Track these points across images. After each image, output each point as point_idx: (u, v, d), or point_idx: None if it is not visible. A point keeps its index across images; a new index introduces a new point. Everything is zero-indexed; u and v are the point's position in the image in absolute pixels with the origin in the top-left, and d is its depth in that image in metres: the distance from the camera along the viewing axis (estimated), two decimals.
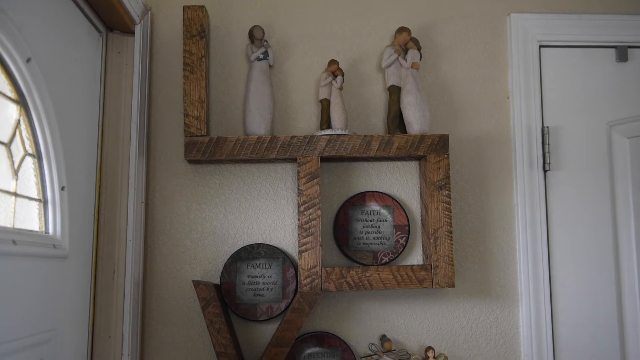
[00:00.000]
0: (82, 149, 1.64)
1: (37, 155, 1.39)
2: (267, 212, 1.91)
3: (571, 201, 1.94)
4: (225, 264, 1.84)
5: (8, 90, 1.28)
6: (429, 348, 1.80)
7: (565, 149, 1.96)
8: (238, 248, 1.86)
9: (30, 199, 1.37)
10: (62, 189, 1.46)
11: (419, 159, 1.91)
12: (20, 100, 1.32)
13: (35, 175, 1.39)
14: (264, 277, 1.84)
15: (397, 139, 1.82)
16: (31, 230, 1.37)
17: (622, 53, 2.01)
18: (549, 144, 1.95)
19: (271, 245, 1.86)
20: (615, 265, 1.91)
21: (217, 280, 1.86)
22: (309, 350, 1.83)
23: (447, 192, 1.82)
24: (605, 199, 1.94)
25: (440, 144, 1.83)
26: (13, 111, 1.30)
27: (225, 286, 1.83)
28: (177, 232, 1.88)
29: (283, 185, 1.92)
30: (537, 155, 1.95)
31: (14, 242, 1.20)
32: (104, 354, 1.69)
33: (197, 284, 1.72)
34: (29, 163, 1.37)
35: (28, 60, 1.30)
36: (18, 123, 1.32)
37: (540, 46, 2.00)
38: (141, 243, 1.82)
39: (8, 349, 1.22)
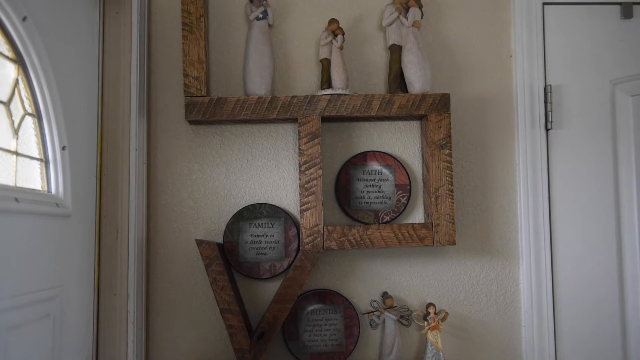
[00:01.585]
0: (82, 109, 1.64)
1: (37, 115, 1.40)
2: (269, 172, 1.92)
3: (573, 160, 1.94)
4: (227, 224, 1.86)
5: (5, 49, 1.28)
6: (430, 304, 1.82)
7: (567, 108, 1.95)
8: (240, 208, 1.88)
9: (32, 158, 1.38)
10: (63, 148, 1.47)
11: (420, 118, 1.90)
12: (18, 60, 1.32)
13: (35, 135, 1.40)
14: (267, 236, 1.86)
15: (398, 99, 1.82)
16: (33, 189, 1.39)
17: (627, 10, 1.97)
18: (551, 103, 1.93)
19: (273, 205, 1.88)
20: (616, 223, 1.92)
21: (220, 240, 1.88)
22: (311, 307, 1.86)
23: (448, 151, 1.82)
24: (607, 158, 1.93)
25: (441, 103, 1.82)
26: (11, 70, 1.31)
27: (228, 245, 1.85)
28: (179, 193, 1.90)
29: (284, 146, 1.93)
30: (540, 114, 1.94)
31: (16, 199, 1.22)
32: (110, 311, 1.73)
33: (200, 242, 1.74)
34: (29, 122, 1.38)
35: (24, 19, 1.30)
36: (16, 82, 1.32)
37: (544, 3, 1.97)
38: (144, 203, 1.84)
39: (15, 303, 1.25)
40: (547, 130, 1.94)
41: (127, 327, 1.74)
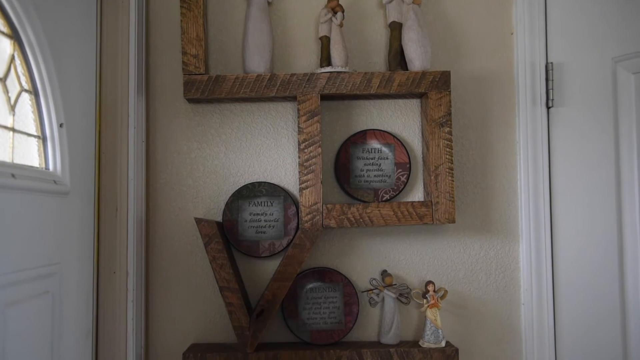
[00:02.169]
0: (79, 86, 1.63)
1: (34, 92, 1.39)
2: (268, 151, 1.91)
3: (574, 138, 1.93)
4: (227, 202, 1.86)
5: (0, 24, 1.27)
6: (429, 282, 1.83)
7: (569, 85, 1.93)
8: (239, 186, 1.88)
9: (29, 135, 1.38)
10: (61, 125, 1.47)
11: (420, 96, 1.89)
12: (14, 35, 1.31)
13: (32, 112, 1.39)
14: (266, 214, 1.86)
15: (398, 76, 1.80)
16: (31, 166, 1.38)
17: None
18: (552, 80, 1.92)
19: (272, 184, 1.88)
20: (617, 201, 1.91)
21: (219, 218, 1.88)
22: (310, 285, 1.86)
23: (448, 129, 1.81)
24: (608, 135, 1.92)
25: (441, 81, 1.81)
26: (7, 46, 1.30)
27: (228, 224, 1.85)
28: (178, 171, 1.90)
29: (283, 124, 1.92)
30: (541, 92, 1.92)
31: (13, 175, 1.22)
32: (110, 289, 1.74)
33: (199, 221, 1.74)
34: (26, 99, 1.37)
35: None
36: (12, 58, 1.31)
37: None
38: (143, 182, 1.84)
39: (13, 279, 1.26)
40: (548, 108, 1.93)
41: (127, 305, 1.75)
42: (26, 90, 1.37)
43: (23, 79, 1.35)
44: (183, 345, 1.86)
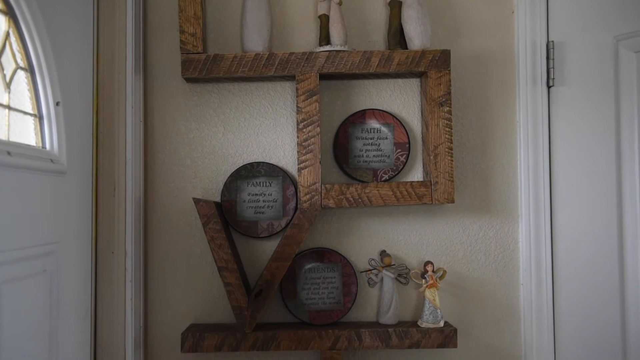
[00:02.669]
0: (76, 65, 1.62)
1: (30, 69, 1.38)
2: (267, 131, 1.90)
3: (574, 118, 1.91)
4: (225, 183, 1.85)
5: None
6: (428, 262, 1.82)
7: (570, 64, 1.91)
8: (238, 167, 1.87)
9: (25, 113, 1.37)
10: (57, 104, 1.45)
11: (419, 75, 1.87)
12: (9, 12, 1.30)
13: (28, 90, 1.38)
14: (264, 195, 1.85)
15: (397, 55, 1.79)
16: (28, 145, 1.37)
17: None
18: (553, 59, 1.90)
19: (271, 164, 1.87)
20: (617, 181, 1.90)
21: (217, 199, 1.87)
22: (309, 266, 1.86)
23: (447, 108, 1.80)
24: (609, 115, 1.90)
25: (441, 60, 1.79)
26: (2, 22, 1.28)
27: (226, 204, 1.84)
28: (176, 152, 1.89)
29: (282, 104, 1.91)
30: (541, 71, 1.91)
31: (9, 153, 1.21)
32: (108, 268, 1.73)
33: (197, 201, 1.73)
34: (22, 77, 1.36)
35: None
36: (7, 35, 1.30)
37: None
38: (141, 162, 1.83)
39: (11, 257, 1.25)
40: (548, 87, 1.91)
41: (125, 285, 1.75)
42: (22, 68, 1.36)
43: (18, 56, 1.34)
44: (182, 326, 1.87)
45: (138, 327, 1.80)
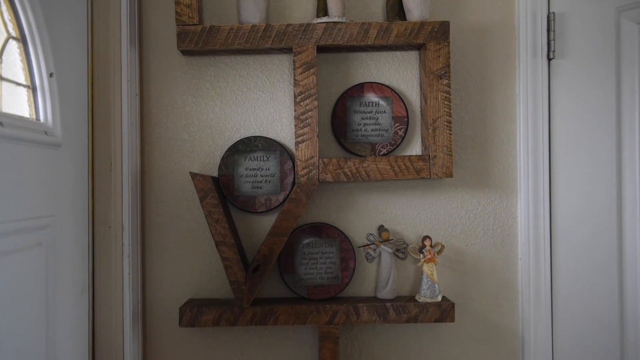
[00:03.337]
0: (69, 36, 1.59)
1: (22, 39, 1.35)
2: (264, 105, 1.88)
3: (575, 90, 1.89)
4: (222, 157, 1.83)
5: None
6: (426, 237, 1.82)
7: (571, 36, 1.89)
8: (235, 141, 1.85)
9: (18, 84, 1.35)
10: (51, 75, 1.43)
11: (418, 47, 1.85)
12: None
13: (21, 60, 1.36)
14: (262, 169, 1.84)
15: (396, 26, 1.76)
16: (21, 117, 1.36)
17: None
18: (554, 31, 1.88)
19: (268, 138, 1.85)
20: (617, 155, 1.88)
21: (215, 173, 1.86)
22: (307, 241, 1.85)
23: (446, 81, 1.78)
24: (610, 88, 1.88)
25: (440, 31, 1.77)
26: None
27: (223, 179, 1.83)
28: (173, 126, 1.87)
29: (279, 77, 1.88)
30: (542, 43, 1.88)
31: (1, 124, 1.19)
32: (105, 243, 1.72)
33: (194, 175, 1.72)
34: (14, 47, 1.33)
35: None
36: None
37: None
38: (137, 136, 1.81)
39: (5, 230, 1.24)
40: (549, 60, 1.89)
41: (123, 260, 1.74)
42: (14, 38, 1.33)
43: (10, 26, 1.32)
44: (180, 301, 1.86)
45: (136, 302, 1.80)
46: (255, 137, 1.85)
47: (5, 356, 1.23)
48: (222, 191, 1.82)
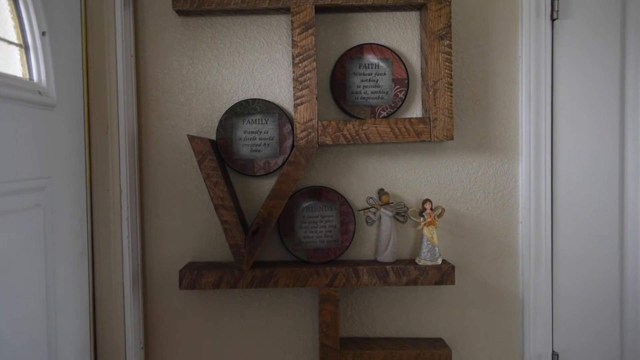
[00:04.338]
0: None
1: None
2: (262, 67, 1.85)
3: (579, 52, 1.86)
4: (220, 120, 1.81)
5: None
6: (426, 200, 1.80)
7: None
8: (233, 104, 1.83)
9: (9, 42, 1.32)
10: (43, 34, 1.41)
11: (419, 8, 1.81)
12: None
13: (12, 18, 1.33)
14: (261, 132, 1.82)
15: None
16: (14, 76, 1.33)
17: None
18: None
19: (267, 101, 1.83)
20: (620, 119, 1.86)
21: (213, 137, 1.84)
22: (306, 204, 1.84)
23: (448, 42, 1.74)
24: (615, 50, 1.85)
25: None
26: None
27: (222, 142, 1.81)
28: (170, 88, 1.84)
29: (277, 39, 1.85)
30: (545, 3, 1.84)
31: None
32: (103, 206, 1.72)
33: (192, 138, 1.70)
34: (4, 3, 1.31)
35: None
36: None
37: None
38: (133, 98, 1.79)
39: (1, 190, 1.23)
40: (552, 20, 1.85)
41: (122, 223, 1.73)
42: None
43: None
44: (179, 264, 1.87)
45: (136, 264, 1.80)
46: (254, 100, 1.82)
47: (5, 318, 1.24)
48: (221, 154, 1.81)
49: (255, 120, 1.82)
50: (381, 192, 1.86)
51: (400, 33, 1.86)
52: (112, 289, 1.75)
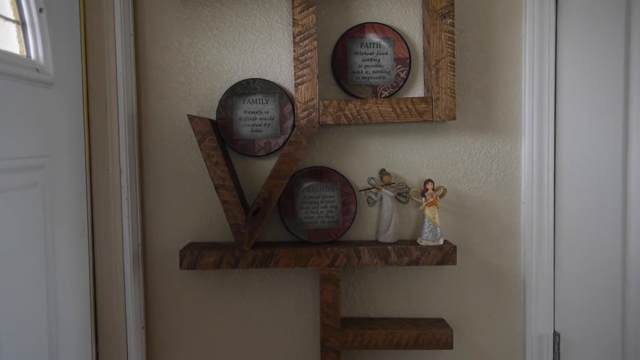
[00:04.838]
0: None
1: None
2: (262, 46, 1.83)
3: (583, 30, 1.83)
4: (220, 100, 1.80)
5: None
6: (428, 180, 1.79)
7: None
8: (233, 83, 1.81)
9: (6, 19, 1.31)
10: (40, 10, 1.39)
11: None
12: None
13: None
14: (261, 112, 1.81)
15: None
16: (11, 53, 1.32)
17: None
18: None
19: (267, 80, 1.81)
20: (624, 98, 1.84)
21: (213, 117, 1.83)
22: (307, 184, 1.83)
23: (450, 20, 1.72)
24: (619, 29, 1.83)
25: None
26: None
27: (222, 122, 1.80)
28: (169, 68, 1.83)
29: (278, 17, 1.83)
30: None
31: None
32: (103, 185, 1.71)
33: (192, 118, 1.69)
34: None
35: None
36: None
37: None
38: (132, 77, 1.78)
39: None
40: None
41: (122, 203, 1.73)
42: None
43: None
44: (180, 244, 1.86)
45: (136, 245, 1.80)
46: (254, 80, 1.81)
47: (4, 296, 1.23)
48: (221, 135, 1.79)
49: (256, 100, 1.80)
50: (383, 172, 1.85)
51: (402, 12, 1.83)
52: (112, 269, 1.74)
